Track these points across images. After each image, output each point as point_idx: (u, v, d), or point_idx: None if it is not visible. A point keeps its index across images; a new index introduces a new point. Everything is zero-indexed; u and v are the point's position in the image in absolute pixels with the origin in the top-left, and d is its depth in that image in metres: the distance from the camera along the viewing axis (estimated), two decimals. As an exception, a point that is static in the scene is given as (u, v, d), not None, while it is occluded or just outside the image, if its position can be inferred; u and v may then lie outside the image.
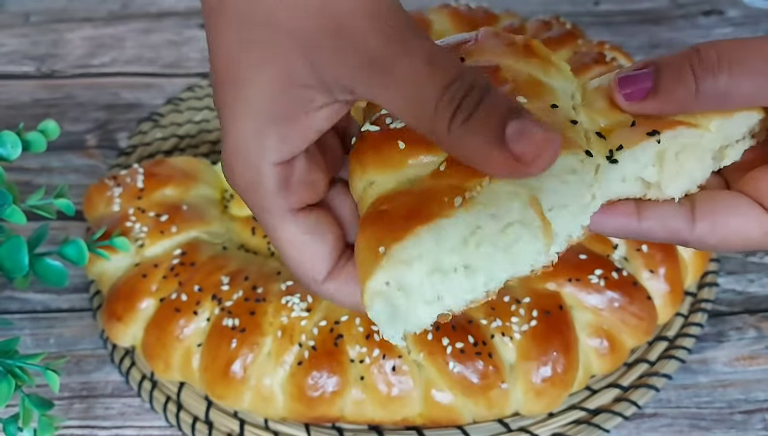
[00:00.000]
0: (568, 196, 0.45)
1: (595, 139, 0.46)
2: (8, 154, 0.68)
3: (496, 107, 0.38)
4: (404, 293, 0.44)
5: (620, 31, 1.16)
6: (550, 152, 0.37)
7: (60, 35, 1.19)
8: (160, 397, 0.73)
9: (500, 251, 0.45)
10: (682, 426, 0.71)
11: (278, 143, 0.43)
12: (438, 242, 0.43)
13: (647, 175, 0.47)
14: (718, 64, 0.43)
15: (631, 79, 0.45)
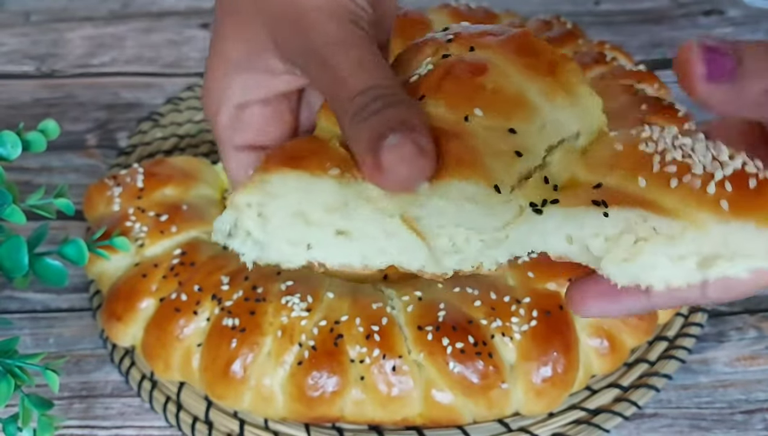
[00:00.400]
0: (467, 222, 0.45)
1: (539, 184, 0.44)
2: (8, 154, 0.68)
3: (389, 119, 0.43)
4: (263, 223, 0.47)
5: (621, 30, 1.16)
6: (405, 172, 0.42)
7: (60, 35, 1.19)
8: (159, 397, 0.73)
9: (379, 235, 0.46)
10: (682, 426, 0.71)
11: (239, 89, 0.53)
12: (305, 193, 0.46)
13: (593, 246, 0.44)
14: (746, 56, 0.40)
15: (714, 57, 0.40)
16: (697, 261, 0.42)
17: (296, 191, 0.46)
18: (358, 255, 0.47)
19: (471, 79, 0.46)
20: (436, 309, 0.69)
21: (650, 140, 0.44)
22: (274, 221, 0.47)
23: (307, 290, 0.71)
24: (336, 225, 0.46)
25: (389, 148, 0.42)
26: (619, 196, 0.42)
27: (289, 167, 0.46)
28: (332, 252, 0.47)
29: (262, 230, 0.47)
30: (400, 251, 0.46)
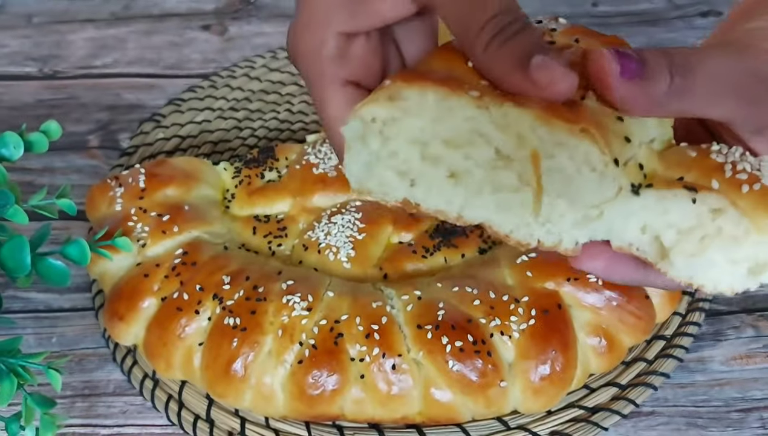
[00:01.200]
0: (577, 191, 0.45)
1: (635, 168, 0.46)
2: (11, 155, 0.69)
3: (528, 41, 0.44)
4: (382, 143, 0.47)
5: (618, 32, 1.15)
6: (563, 85, 0.43)
7: (62, 36, 1.20)
8: (161, 395, 0.74)
9: (487, 187, 0.46)
10: (679, 424, 0.72)
11: (346, 17, 0.50)
12: (437, 114, 0.45)
13: (666, 236, 0.46)
14: (688, 69, 0.44)
15: (623, 59, 0.43)
16: (749, 267, 0.46)
17: (431, 110, 0.45)
18: (458, 203, 0.47)
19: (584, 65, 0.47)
20: (436, 308, 0.69)
21: (720, 153, 0.47)
22: (392, 144, 0.46)
23: (307, 289, 0.71)
24: (451, 164, 0.46)
25: (538, 65, 0.43)
26: (703, 187, 0.45)
27: (432, 82, 0.45)
28: (434, 194, 0.47)
29: (378, 151, 0.47)
30: (500, 207, 0.46)
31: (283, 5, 1.25)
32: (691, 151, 0.47)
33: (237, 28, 1.21)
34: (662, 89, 0.44)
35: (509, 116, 0.44)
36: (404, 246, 0.79)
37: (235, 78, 1.09)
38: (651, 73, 0.44)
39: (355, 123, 0.47)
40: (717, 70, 0.45)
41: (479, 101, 0.44)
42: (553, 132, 0.44)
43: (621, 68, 0.43)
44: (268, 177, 0.85)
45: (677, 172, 0.46)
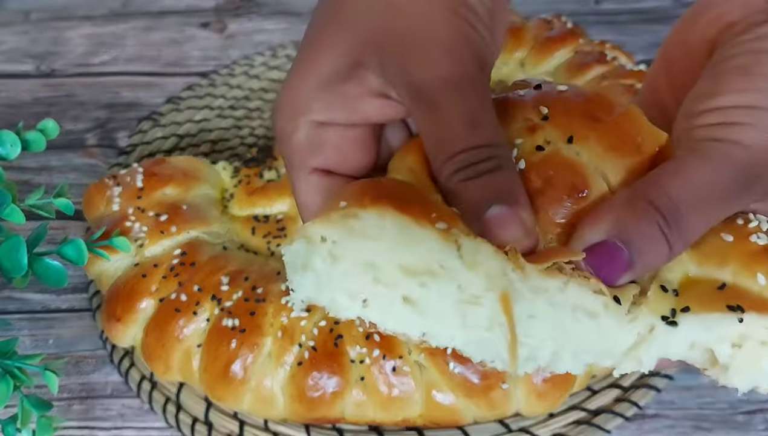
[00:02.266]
0: (581, 339, 0.42)
1: (659, 294, 0.42)
2: (7, 154, 0.68)
3: (495, 185, 0.42)
4: (331, 264, 0.42)
5: (622, 30, 1.16)
6: (521, 243, 0.41)
7: (60, 33, 1.19)
8: (159, 398, 0.73)
9: (453, 315, 0.42)
10: (684, 427, 0.71)
11: (322, 106, 0.47)
12: (397, 240, 0.41)
13: (720, 352, 0.42)
14: (681, 218, 0.42)
15: (605, 259, 0.41)
16: None
17: (390, 236, 0.41)
18: (418, 329, 0.43)
19: (570, 196, 0.43)
20: (437, 309, 0.69)
21: (760, 231, 0.44)
22: (342, 265, 0.42)
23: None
24: (407, 291, 0.42)
25: (495, 218, 0.41)
26: (749, 300, 0.41)
27: (393, 208, 0.41)
28: (390, 317, 0.43)
29: (327, 271, 0.43)
30: (471, 342, 0.42)
31: (284, 2, 1.25)
32: (726, 235, 0.44)
33: (237, 26, 1.21)
34: (663, 258, 0.42)
35: (480, 253, 0.41)
36: (405, 246, 0.78)
37: (235, 76, 1.09)
38: (642, 254, 0.41)
39: (298, 245, 0.43)
40: (706, 192, 0.42)
41: (446, 234, 0.41)
42: (527, 278, 0.41)
43: (604, 272, 0.41)
44: (268, 177, 0.84)
45: (712, 267, 0.43)
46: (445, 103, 0.43)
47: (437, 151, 0.44)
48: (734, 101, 0.44)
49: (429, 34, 0.44)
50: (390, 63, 0.45)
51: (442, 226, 0.41)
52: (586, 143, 0.44)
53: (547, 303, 0.41)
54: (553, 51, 0.95)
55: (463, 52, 0.44)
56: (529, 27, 0.99)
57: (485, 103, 0.44)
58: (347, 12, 0.46)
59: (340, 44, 0.46)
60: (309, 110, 0.47)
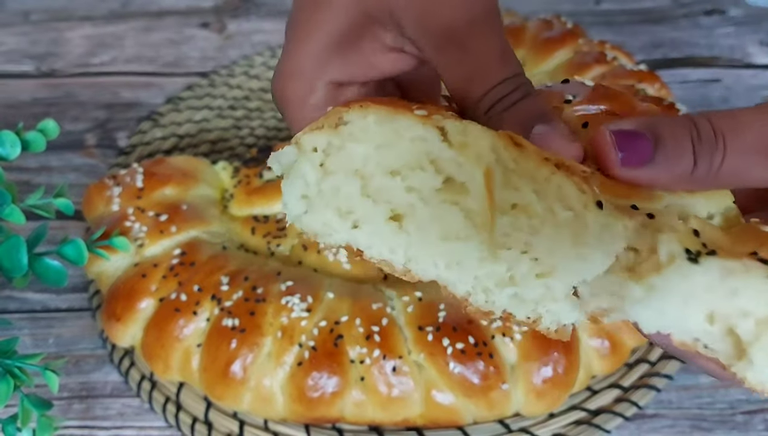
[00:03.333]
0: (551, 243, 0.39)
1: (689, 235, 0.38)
2: (8, 154, 0.68)
3: (530, 109, 0.43)
4: (321, 177, 0.43)
5: (621, 30, 1.16)
6: (566, 153, 0.41)
7: (60, 34, 1.19)
8: (159, 397, 0.73)
9: (433, 230, 0.42)
10: (683, 427, 0.71)
11: (339, 65, 0.47)
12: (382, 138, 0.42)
13: (743, 328, 0.37)
14: (716, 142, 0.40)
15: (630, 142, 0.40)
16: None
17: (375, 134, 0.42)
18: (403, 252, 0.43)
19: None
20: (437, 309, 0.69)
21: None
22: (333, 179, 0.43)
23: (307, 290, 0.71)
24: (393, 200, 0.42)
25: (540, 135, 0.42)
26: None
27: (374, 103, 0.42)
28: (378, 239, 0.43)
29: (317, 185, 0.43)
30: (451, 261, 0.42)
31: (282, 2, 1.25)
32: (764, 227, 0.40)
33: (236, 26, 1.21)
34: (683, 172, 0.40)
35: (469, 133, 0.41)
36: (405, 246, 0.78)
37: (234, 76, 1.09)
38: (666, 159, 0.40)
39: (289, 150, 0.43)
40: (756, 139, 0.40)
41: (427, 120, 0.41)
42: (521, 159, 0.40)
43: (625, 154, 0.40)
44: (267, 176, 0.84)
45: (747, 247, 0.38)
46: (474, 41, 0.44)
47: (470, 89, 0.44)
48: None
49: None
50: (404, 15, 0.45)
51: (421, 112, 0.42)
52: None
53: (531, 190, 0.40)
54: (552, 51, 0.95)
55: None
56: (528, 27, 0.99)
57: (504, 36, 0.45)
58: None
59: (343, 4, 0.46)
60: (325, 71, 0.47)
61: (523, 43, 0.98)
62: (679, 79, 1.07)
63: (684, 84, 1.06)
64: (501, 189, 0.40)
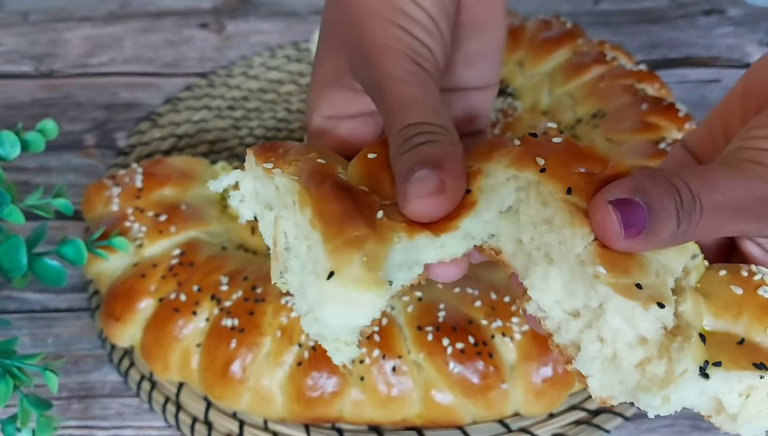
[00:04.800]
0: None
1: (697, 341, 0.43)
2: (7, 154, 0.68)
3: (424, 154, 0.46)
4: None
5: (620, 30, 1.16)
6: (422, 205, 0.45)
7: (58, 34, 1.19)
8: (159, 397, 0.73)
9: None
10: (682, 427, 0.71)
11: (327, 103, 0.55)
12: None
13: (728, 402, 0.43)
14: (694, 204, 0.43)
15: (628, 213, 0.42)
16: None
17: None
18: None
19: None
20: (436, 309, 0.69)
21: (765, 284, 0.46)
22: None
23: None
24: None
25: (414, 180, 0.45)
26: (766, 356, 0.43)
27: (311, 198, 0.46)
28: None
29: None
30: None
31: (281, 3, 1.25)
32: (735, 288, 0.45)
33: (235, 27, 1.21)
34: (668, 235, 0.43)
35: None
36: (404, 246, 0.78)
37: (233, 77, 1.09)
38: (657, 222, 0.43)
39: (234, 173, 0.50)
40: (725, 201, 0.44)
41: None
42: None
43: (625, 230, 0.42)
44: (267, 176, 0.84)
45: (730, 319, 0.44)
46: (388, 89, 0.50)
47: (388, 132, 0.49)
48: None
49: (373, 41, 0.51)
50: (356, 67, 0.53)
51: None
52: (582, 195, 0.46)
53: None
54: (551, 51, 0.95)
55: (398, 51, 0.51)
56: (527, 27, 0.99)
57: (424, 89, 0.50)
58: (333, 32, 0.55)
59: (330, 57, 0.55)
60: (318, 106, 0.56)
61: (522, 44, 0.98)
62: (678, 80, 1.07)
63: (683, 84, 1.07)
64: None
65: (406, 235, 0.46)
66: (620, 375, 0.43)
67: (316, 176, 0.47)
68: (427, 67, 0.51)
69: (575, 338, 0.44)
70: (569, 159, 0.47)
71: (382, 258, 0.44)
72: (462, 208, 0.47)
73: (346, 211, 0.45)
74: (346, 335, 0.47)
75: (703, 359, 0.42)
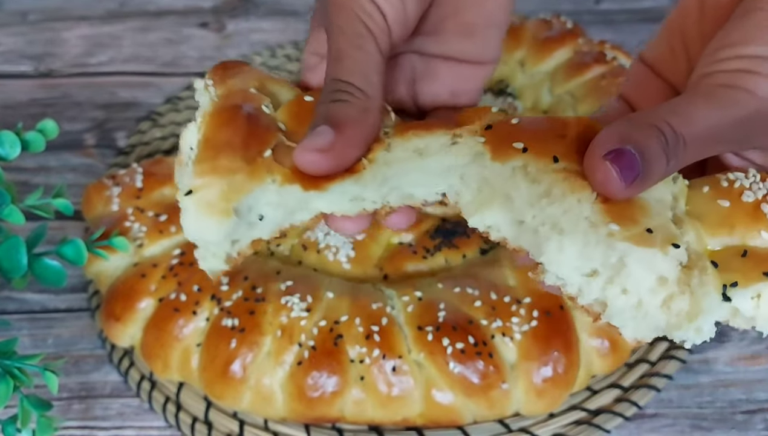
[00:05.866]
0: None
1: (712, 270, 0.45)
2: (7, 154, 0.68)
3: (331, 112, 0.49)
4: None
5: (621, 29, 1.16)
6: (306, 158, 0.48)
7: (57, 34, 1.19)
8: (159, 397, 0.73)
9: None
10: (683, 426, 0.71)
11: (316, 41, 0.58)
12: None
13: (743, 307, 0.45)
14: (678, 141, 0.45)
15: (623, 162, 0.44)
16: None
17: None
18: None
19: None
20: (436, 309, 0.69)
21: (746, 189, 0.48)
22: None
23: (306, 289, 0.70)
24: None
25: (311, 132, 0.48)
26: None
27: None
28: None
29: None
30: None
31: (280, 2, 1.24)
32: (722, 201, 0.48)
33: (234, 26, 1.21)
34: (660, 174, 0.45)
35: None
36: (405, 247, 0.78)
37: (233, 76, 1.08)
38: (649, 165, 0.44)
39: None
40: (706, 132, 0.46)
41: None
42: None
43: (624, 177, 0.44)
44: (267, 176, 0.84)
45: (725, 234, 0.47)
46: (330, 41, 0.53)
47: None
48: (757, 52, 0.47)
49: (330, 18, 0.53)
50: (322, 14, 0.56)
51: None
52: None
53: None
54: (552, 51, 0.95)
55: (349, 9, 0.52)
56: (528, 27, 0.99)
57: (355, 47, 0.52)
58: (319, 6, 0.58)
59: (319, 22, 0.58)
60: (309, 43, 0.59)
61: (522, 43, 0.98)
62: (678, 79, 1.07)
63: (682, 83, 1.06)
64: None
65: (280, 179, 0.49)
66: (649, 318, 0.45)
67: (230, 101, 0.50)
68: (374, 30, 0.52)
69: (599, 295, 0.46)
70: (541, 132, 0.49)
71: (243, 193, 0.48)
72: (345, 173, 0.50)
73: (231, 141, 0.48)
74: (214, 247, 0.51)
75: (721, 285, 0.45)
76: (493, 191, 0.49)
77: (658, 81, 0.55)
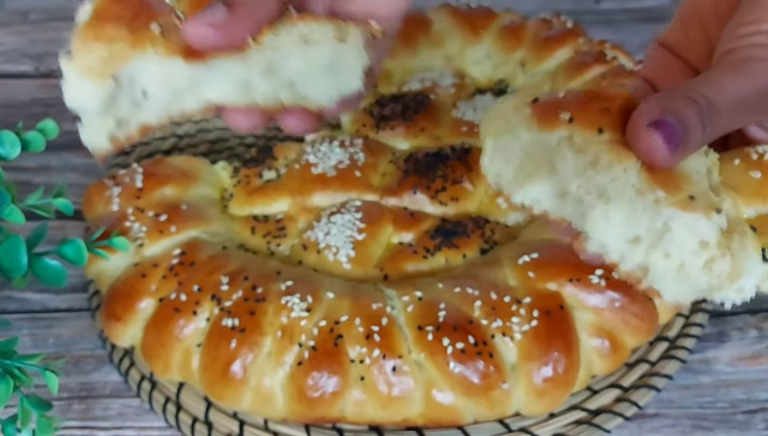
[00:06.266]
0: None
1: (751, 234, 0.48)
2: (7, 154, 0.68)
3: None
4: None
5: (621, 29, 1.16)
6: (197, 30, 0.50)
7: (59, 33, 1.19)
8: (159, 397, 0.73)
9: None
10: (684, 426, 0.71)
11: None
12: None
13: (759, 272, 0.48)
14: (712, 110, 0.48)
15: (667, 133, 0.46)
16: None
17: None
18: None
19: None
20: (437, 309, 0.69)
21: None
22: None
23: (306, 290, 0.70)
24: None
25: (207, 7, 0.50)
26: None
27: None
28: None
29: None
30: None
31: (281, 2, 1.24)
32: (753, 172, 0.51)
33: (235, 26, 1.20)
34: (698, 142, 0.48)
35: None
36: (405, 246, 0.78)
37: (234, 76, 1.08)
38: (689, 135, 0.47)
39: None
40: (736, 101, 0.49)
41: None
42: None
43: (669, 148, 0.46)
44: (267, 176, 0.84)
45: (760, 203, 0.50)
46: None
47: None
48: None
49: None
50: None
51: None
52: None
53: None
54: (552, 50, 0.95)
55: None
56: (528, 26, 0.99)
57: None
58: None
59: None
60: None
61: (522, 43, 0.98)
62: (679, 79, 1.07)
63: (683, 83, 1.06)
64: None
65: (163, 51, 0.50)
66: (690, 281, 0.47)
67: None
68: None
69: (641, 260, 0.48)
70: (586, 104, 0.51)
71: (123, 59, 0.50)
72: (230, 51, 0.52)
73: (118, 13, 0.50)
74: (98, 121, 0.53)
75: (760, 247, 0.48)
76: (536, 164, 0.51)
77: (679, 62, 0.58)
